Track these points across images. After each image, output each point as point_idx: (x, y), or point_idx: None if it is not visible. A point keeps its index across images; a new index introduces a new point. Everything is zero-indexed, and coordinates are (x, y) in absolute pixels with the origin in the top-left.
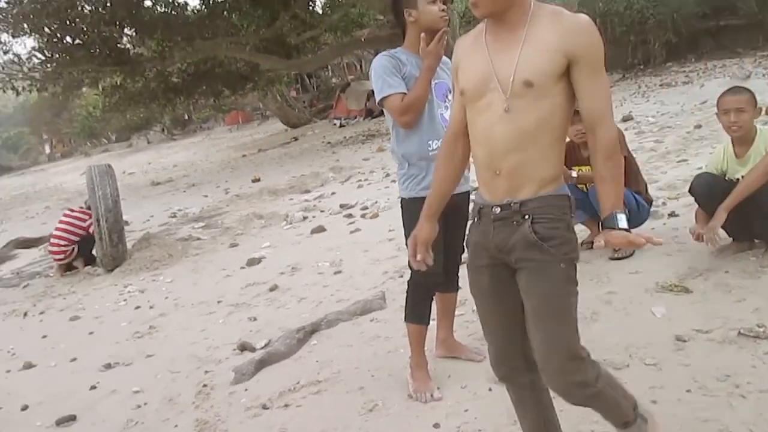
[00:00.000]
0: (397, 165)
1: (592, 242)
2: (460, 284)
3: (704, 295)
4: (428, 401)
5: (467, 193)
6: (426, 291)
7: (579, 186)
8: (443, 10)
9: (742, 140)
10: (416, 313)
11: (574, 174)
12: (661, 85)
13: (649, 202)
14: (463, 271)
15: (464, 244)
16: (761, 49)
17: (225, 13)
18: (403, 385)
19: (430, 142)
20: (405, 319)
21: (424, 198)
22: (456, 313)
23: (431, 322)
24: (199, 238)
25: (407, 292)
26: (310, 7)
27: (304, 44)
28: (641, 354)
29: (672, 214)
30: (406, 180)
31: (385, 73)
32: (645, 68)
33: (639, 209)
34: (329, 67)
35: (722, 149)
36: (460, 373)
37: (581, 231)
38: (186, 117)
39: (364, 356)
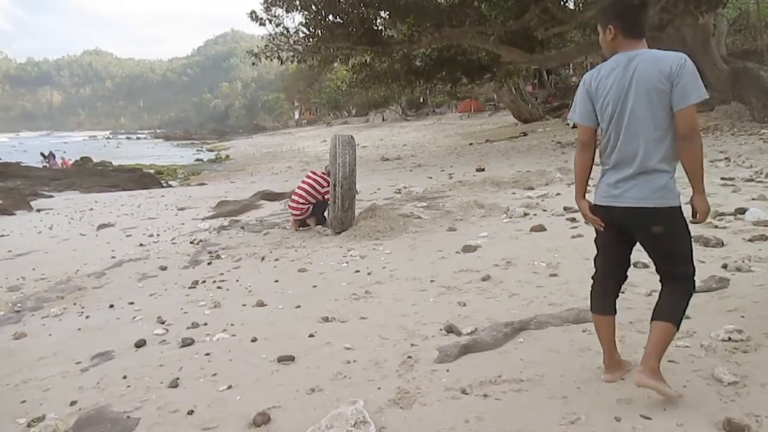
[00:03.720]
0: (668, 173)
1: None
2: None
3: None
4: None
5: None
6: None
7: None
8: None
9: None
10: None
11: None
12: None
13: None
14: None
15: None
16: None
17: (475, 2)
18: (610, 406)
19: None
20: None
21: None
22: (680, 344)
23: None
24: (419, 217)
25: (683, 295)
26: (562, 3)
27: (550, 39)
28: None
29: None
30: (676, 187)
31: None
32: None
33: None
34: (571, 65)
35: None
36: (677, 410)
37: None
38: (421, 100)
39: (572, 366)
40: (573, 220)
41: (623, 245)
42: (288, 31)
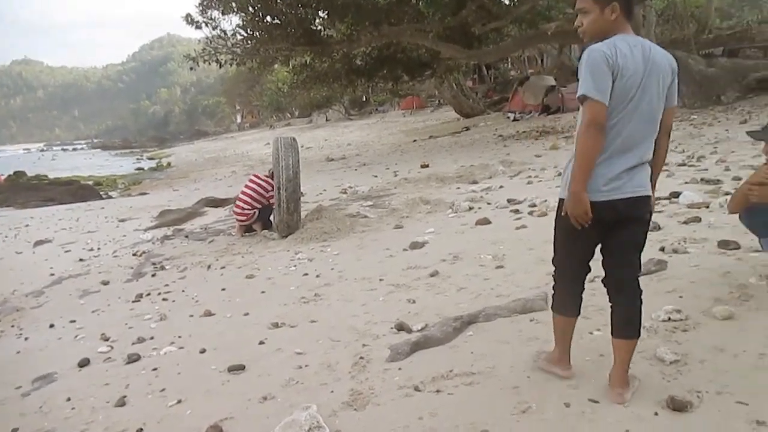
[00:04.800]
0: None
1: None
2: None
3: None
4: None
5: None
6: None
7: None
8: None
9: None
10: None
11: None
12: None
13: None
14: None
15: None
16: None
17: (412, 0)
18: (559, 393)
19: None
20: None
21: None
22: None
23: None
24: (366, 216)
25: (640, 298)
26: None
27: (487, 35)
28: None
29: None
30: None
31: None
32: None
33: None
34: (509, 60)
35: None
36: None
37: None
38: (364, 99)
39: (521, 356)
40: (516, 211)
41: (598, 242)
42: (225, 34)
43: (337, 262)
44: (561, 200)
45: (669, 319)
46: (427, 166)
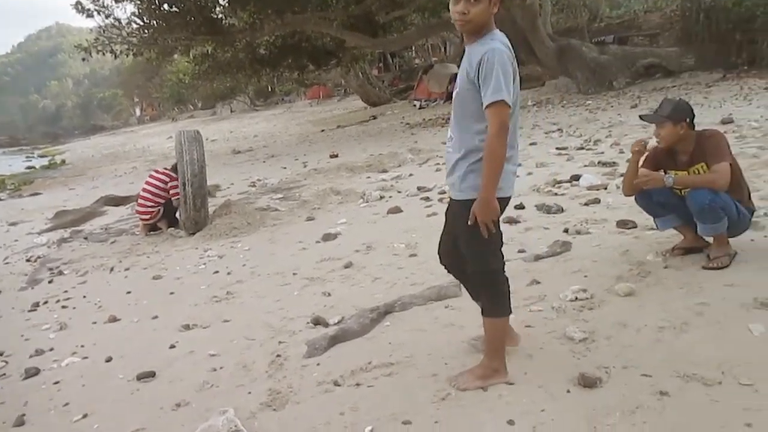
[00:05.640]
0: None
1: (684, 248)
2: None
3: None
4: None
5: None
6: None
7: (675, 190)
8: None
9: None
10: None
11: (671, 179)
12: (766, 89)
13: (751, 211)
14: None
15: None
16: None
17: None
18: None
19: None
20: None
21: None
22: (534, 309)
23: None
24: (276, 209)
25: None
26: None
27: (391, 23)
28: (736, 372)
29: None
30: None
31: None
32: (749, 69)
33: (739, 218)
34: (413, 48)
35: None
36: (537, 372)
37: (673, 235)
38: (269, 89)
39: (438, 343)
40: (427, 199)
41: None
42: (120, 23)
43: (249, 257)
44: (458, 203)
45: (576, 298)
46: (337, 156)
